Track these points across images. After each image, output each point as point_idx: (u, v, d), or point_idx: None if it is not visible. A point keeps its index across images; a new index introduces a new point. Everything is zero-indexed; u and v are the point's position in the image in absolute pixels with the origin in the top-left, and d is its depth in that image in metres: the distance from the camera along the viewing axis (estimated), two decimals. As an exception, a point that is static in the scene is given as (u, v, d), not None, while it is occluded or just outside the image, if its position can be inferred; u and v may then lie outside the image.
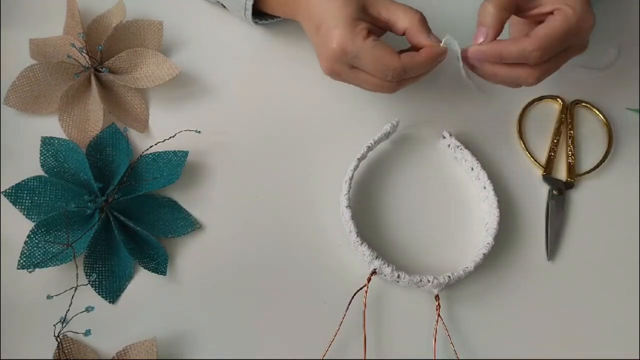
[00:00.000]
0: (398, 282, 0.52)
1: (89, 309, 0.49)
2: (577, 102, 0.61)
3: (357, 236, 0.52)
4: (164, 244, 0.54)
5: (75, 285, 0.50)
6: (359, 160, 0.55)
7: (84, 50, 0.57)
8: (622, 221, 0.58)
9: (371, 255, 0.52)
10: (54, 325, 0.49)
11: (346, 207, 0.53)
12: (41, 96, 0.57)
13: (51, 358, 0.49)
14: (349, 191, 0.54)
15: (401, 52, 0.50)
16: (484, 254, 0.52)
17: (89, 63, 0.57)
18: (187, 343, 0.52)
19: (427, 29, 0.50)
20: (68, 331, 0.49)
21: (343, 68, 0.50)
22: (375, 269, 0.51)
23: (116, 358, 0.50)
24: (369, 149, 0.56)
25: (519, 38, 0.48)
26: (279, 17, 0.58)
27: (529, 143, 0.59)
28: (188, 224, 0.55)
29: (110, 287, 0.53)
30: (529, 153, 0.59)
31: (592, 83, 0.62)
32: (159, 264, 0.53)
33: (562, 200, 0.58)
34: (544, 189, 0.58)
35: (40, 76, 0.57)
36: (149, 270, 0.53)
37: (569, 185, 0.58)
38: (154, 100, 0.59)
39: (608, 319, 0.55)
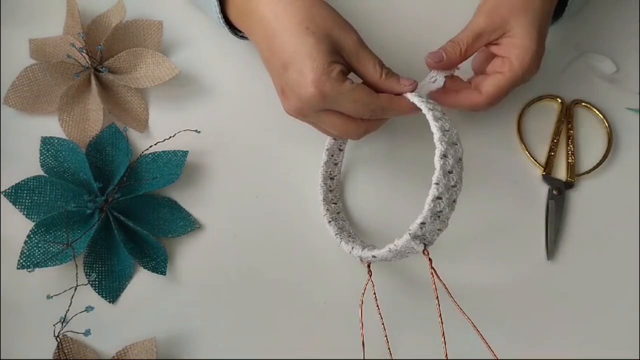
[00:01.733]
0: (384, 259, 0.50)
1: (88, 309, 0.49)
2: (576, 102, 0.61)
3: (336, 237, 0.52)
4: (164, 244, 0.54)
5: (75, 285, 0.50)
6: (328, 151, 0.56)
7: (84, 50, 0.57)
8: (622, 221, 0.58)
9: (347, 248, 0.51)
10: (54, 325, 0.49)
11: (327, 222, 0.54)
12: (41, 96, 0.57)
13: (51, 358, 0.49)
14: (324, 182, 0.55)
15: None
16: (435, 183, 0.45)
17: (89, 63, 0.57)
18: (187, 343, 0.52)
19: (396, 78, 0.49)
20: (68, 331, 0.49)
21: (311, 111, 0.48)
22: (369, 261, 0.50)
23: (116, 358, 0.50)
24: (329, 153, 0.56)
25: (470, 94, 0.52)
26: None
27: (528, 143, 0.59)
28: (188, 224, 0.55)
29: (110, 286, 0.53)
30: (529, 153, 0.59)
31: (592, 83, 0.62)
32: (158, 263, 0.53)
33: (562, 200, 0.58)
34: (544, 189, 0.58)
35: (40, 76, 0.57)
36: (148, 270, 0.53)
37: (568, 185, 0.58)
38: (154, 100, 0.59)
39: (608, 319, 0.55)
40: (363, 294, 0.51)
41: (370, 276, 0.51)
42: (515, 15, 0.51)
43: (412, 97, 0.49)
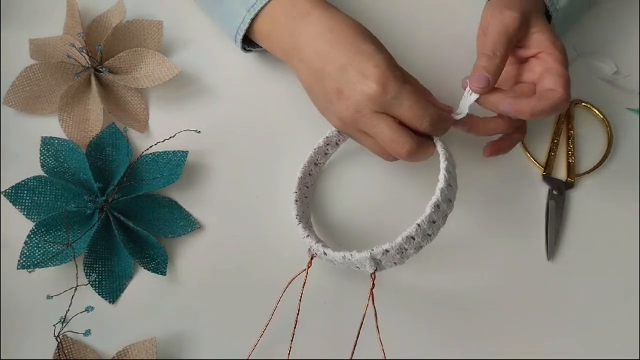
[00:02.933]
0: (333, 262, 0.50)
1: (88, 309, 0.49)
2: (577, 102, 0.61)
3: (296, 218, 0.52)
4: (164, 244, 0.54)
5: (75, 285, 0.50)
6: (327, 138, 0.56)
7: (84, 50, 0.57)
8: (622, 221, 0.58)
9: (303, 233, 0.51)
10: (54, 325, 0.49)
11: (294, 201, 0.54)
12: (41, 96, 0.57)
13: (51, 358, 0.49)
14: (298, 187, 0.55)
15: None
16: (417, 224, 0.46)
17: (89, 63, 0.57)
18: (187, 343, 0.52)
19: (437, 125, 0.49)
20: (68, 331, 0.49)
21: (369, 111, 0.47)
22: (314, 253, 0.50)
23: (116, 358, 0.50)
24: (326, 141, 0.56)
25: (545, 94, 0.48)
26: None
27: (528, 143, 0.59)
28: (188, 224, 0.55)
29: (110, 287, 0.53)
30: (529, 153, 0.59)
31: (592, 83, 0.62)
32: (158, 264, 0.53)
33: (562, 200, 0.58)
34: (544, 189, 0.58)
35: (40, 76, 0.57)
36: (148, 270, 0.53)
37: (568, 185, 0.58)
38: (154, 100, 0.59)
39: (608, 319, 0.55)
40: (292, 280, 0.50)
41: (309, 268, 0.50)
42: (531, 6, 0.50)
43: (437, 142, 0.50)
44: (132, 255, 0.52)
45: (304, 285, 0.50)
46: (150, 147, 0.55)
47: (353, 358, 0.46)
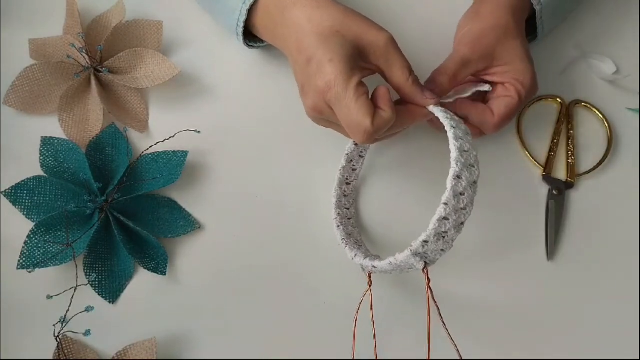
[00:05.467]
0: (384, 271, 0.50)
1: (88, 309, 0.49)
2: (576, 102, 0.61)
3: (342, 242, 0.52)
4: (164, 244, 0.54)
5: (75, 285, 0.50)
6: (347, 156, 0.56)
7: (84, 50, 0.57)
8: (622, 221, 0.57)
9: (350, 255, 0.51)
10: (54, 325, 0.49)
11: (336, 226, 0.54)
12: (41, 96, 0.57)
13: (51, 358, 0.49)
14: (337, 199, 0.55)
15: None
16: (444, 202, 0.44)
17: (89, 63, 0.57)
18: (187, 343, 0.52)
19: (421, 89, 0.50)
20: (68, 331, 0.49)
21: (325, 107, 0.48)
22: (370, 271, 0.50)
23: (116, 358, 0.50)
24: (355, 143, 0.56)
25: (485, 110, 0.53)
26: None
27: (528, 143, 0.59)
28: (188, 224, 0.55)
29: (110, 287, 0.53)
30: (529, 153, 0.59)
31: (592, 83, 0.62)
32: (158, 264, 0.53)
33: (562, 200, 0.58)
34: (544, 189, 0.58)
35: (40, 76, 0.57)
36: (148, 270, 0.53)
37: (568, 185, 0.58)
38: (153, 100, 0.59)
39: (608, 319, 0.55)
40: (360, 304, 0.50)
41: (370, 286, 0.50)
42: (499, 43, 0.52)
43: (437, 112, 0.49)
44: (132, 255, 0.52)
45: (371, 305, 0.49)
46: (150, 147, 0.55)
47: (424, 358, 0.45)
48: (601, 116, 0.60)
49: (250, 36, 0.56)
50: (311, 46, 0.48)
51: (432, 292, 0.45)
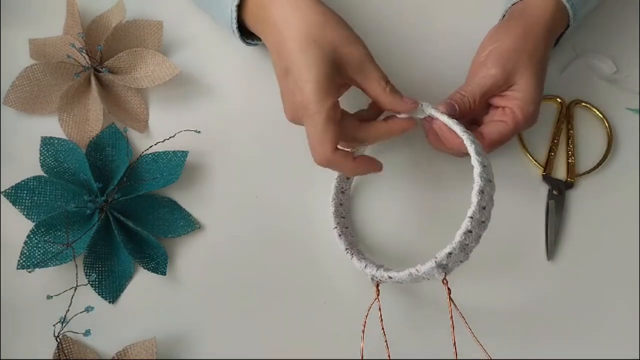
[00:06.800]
0: (400, 282, 0.50)
1: (88, 309, 0.49)
2: (576, 102, 0.61)
3: (346, 252, 0.52)
4: (164, 244, 0.54)
5: (75, 285, 0.50)
6: (337, 181, 0.56)
7: (84, 50, 0.57)
8: (622, 221, 0.57)
9: (360, 265, 0.51)
10: (54, 325, 0.49)
11: (338, 235, 0.53)
12: (41, 96, 0.57)
13: (51, 358, 0.49)
14: (335, 207, 0.55)
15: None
16: (470, 216, 0.45)
17: (89, 63, 0.57)
18: (187, 343, 0.52)
19: (400, 96, 0.50)
20: (68, 331, 0.49)
21: (299, 118, 0.49)
22: (378, 280, 0.50)
23: (116, 358, 0.50)
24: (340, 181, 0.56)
25: (475, 134, 0.51)
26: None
27: (528, 143, 0.59)
28: (188, 224, 0.55)
29: (110, 287, 0.53)
30: (529, 153, 0.59)
31: (592, 83, 0.62)
32: (158, 264, 0.53)
33: (562, 200, 0.58)
34: (544, 189, 0.58)
35: (40, 76, 0.57)
36: (148, 270, 0.53)
37: (568, 185, 0.58)
38: (153, 100, 0.59)
39: (608, 319, 0.55)
40: (367, 315, 0.49)
41: (378, 296, 0.50)
42: (521, 68, 0.51)
43: (454, 126, 0.49)
44: (132, 255, 0.52)
45: (380, 315, 0.49)
46: (150, 147, 0.55)
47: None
48: (601, 116, 0.60)
49: (247, 33, 0.56)
50: (290, 54, 0.48)
51: (453, 302, 0.47)
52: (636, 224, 0.57)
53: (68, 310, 0.49)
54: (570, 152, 0.59)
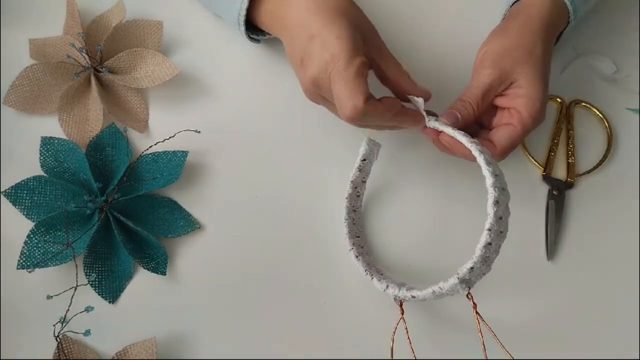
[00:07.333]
0: (424, 301, 0.49)
1: (88, 309, 0.49)
2: (576, 102, 0.61)
3: (366, 273, 0.52)
4: (164, 244, 0.54)
5: (75, 285, 0.50)
6: (352, 183, 0.55)
7: (84, 50, 0.57)
8: (622, 221, 0.57)
9: (382, 287, 0.50)
10: (54, 325, 0.49)
11: (355, 257, 0.53)
12: (41, 96, 0.57)
13: (51, 358, 0.49)
14: (348, 215, 0.55)
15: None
16: (488, 229, 0.45)
17: (89, 63, 0.57)
18: (187, 343, 0.52)
19: (414, 83, 0.50)
20: (68, 331, 0.49)
21: (326, 79, 0.47)
22: (402, 299, 0.49)
23: (116, 358, 0.50)
24: (359, 170, 0.55)
25: (486, 146, 0.51)
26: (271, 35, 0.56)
27: (528, 143, 0.59)
28: (188, 224, 0.55)
29: (110, 287, 0.53)
30: (529, 153, 0.59)
31: (592, 83, 0.62)
32: (158, 264, 0.53)
33: (562, 200, 0.58)
34: (544, 189, 0.58)
35: (40, 76, 0.57)
36: (148, 270, 0.53)
37: (568, 185, 0.58)
38: (153, 100, 0.59)
39: (608, 319, 0.55)
40: (394, 333, 0.49)
41: (402, 314, 0.50)
42: (519, 65, 0.51)
43: (460, 137, 0.49)
44: (132, 255, 0.52)
45: (409, 338, 0.49)
46: (150, 147, 0.55)
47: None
48: (601, 116, 0.60)
49: (251, 29, 0.56)
50: (316, 23, 0.48)
51: (481, 317, 0.46)
52: (636, 223, 0.57)
53: (68, 310, 0.49)
54: (570, 152, 0.59)
